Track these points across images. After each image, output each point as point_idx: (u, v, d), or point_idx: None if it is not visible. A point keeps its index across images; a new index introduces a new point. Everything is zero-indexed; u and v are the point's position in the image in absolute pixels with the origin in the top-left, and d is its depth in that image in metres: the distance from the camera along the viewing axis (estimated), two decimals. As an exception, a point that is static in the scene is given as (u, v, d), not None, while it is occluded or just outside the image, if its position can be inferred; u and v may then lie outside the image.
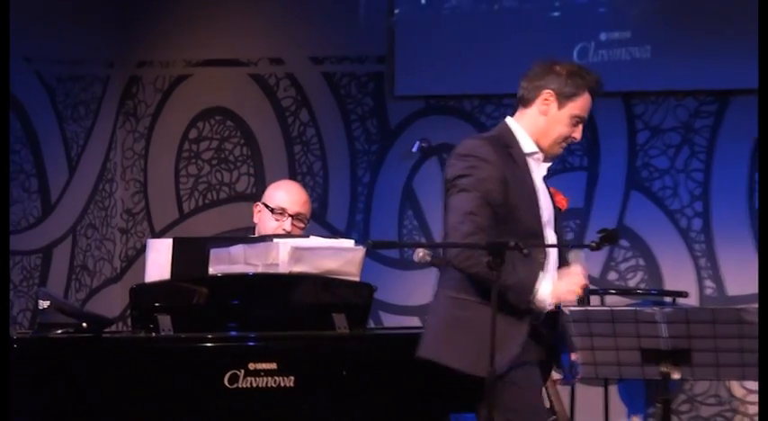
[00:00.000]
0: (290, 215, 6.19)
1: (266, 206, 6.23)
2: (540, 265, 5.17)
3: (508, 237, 5.00)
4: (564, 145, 5.32)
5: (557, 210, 5.37)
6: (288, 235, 6.14)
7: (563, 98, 5.23)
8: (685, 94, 6.55)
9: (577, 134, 5.26)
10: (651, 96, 6.90)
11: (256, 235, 6.28)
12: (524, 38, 7.03)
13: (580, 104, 5.26)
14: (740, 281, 6.71)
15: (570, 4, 7.05)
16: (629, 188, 6.85)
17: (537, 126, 5.25)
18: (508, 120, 5.31)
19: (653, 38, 6.85)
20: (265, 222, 6.25)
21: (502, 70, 7.08)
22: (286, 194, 6.27)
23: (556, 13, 7.06)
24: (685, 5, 6.86)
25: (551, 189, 5.36)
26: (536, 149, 5.28)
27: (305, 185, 7.47)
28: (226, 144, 7.78)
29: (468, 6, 7.16)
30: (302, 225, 6.23)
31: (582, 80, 5.24)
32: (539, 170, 5.28)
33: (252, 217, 6.25)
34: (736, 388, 6.71)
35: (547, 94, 5.21)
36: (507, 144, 5.18)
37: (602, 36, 6.97)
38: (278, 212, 6.19)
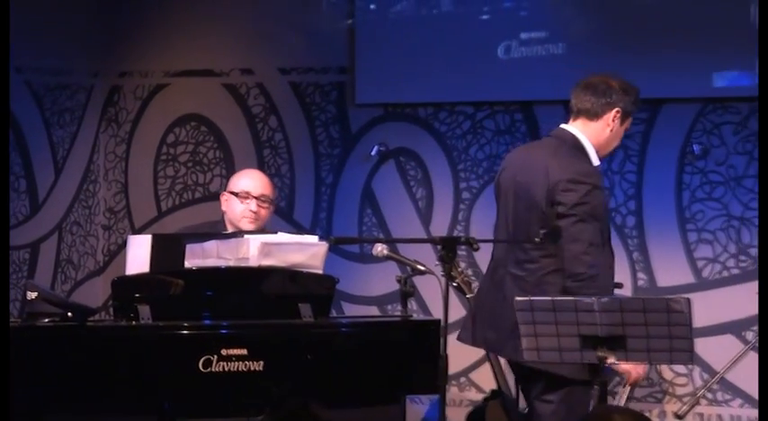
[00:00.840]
0: (254, 197, 6.21)
1: (232, 193, 6.25)
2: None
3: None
4: (615, 143, 5.74)
5: None
6: (262, 231, 6.17)
7: (625, 115, 5.64)
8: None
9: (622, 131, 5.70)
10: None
11: (226, 222, 6.31)
12: (470, 46, 7.04)
13: (630, 120, 5.69)
14: (669, 273, 6.75)
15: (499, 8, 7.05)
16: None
17: (601, 139, 5.63)
18: (576, 132, 5.59)
19: (591, 54, 6.86)
20: (233, 207, 6.27)
21: (452, 79, 7.11)
22: (249, 179, 6.31)
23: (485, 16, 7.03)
24: (621, 18, 6.86)
25: None
26: (599, 163, 5.55)
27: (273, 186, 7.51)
28: (200, 148, 7.79)
29: (415, 19, 7.15)
30: (267, 205, 6.26)
31: (637, 100, 5.68)
32: None
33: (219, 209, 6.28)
34: (666, 371, 6.74)
35: (616, 112, 5.59)
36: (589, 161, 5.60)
37: (524, 36, 6.97)
38: (243, 196, 6.21)
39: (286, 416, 3.08)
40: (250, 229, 6.16)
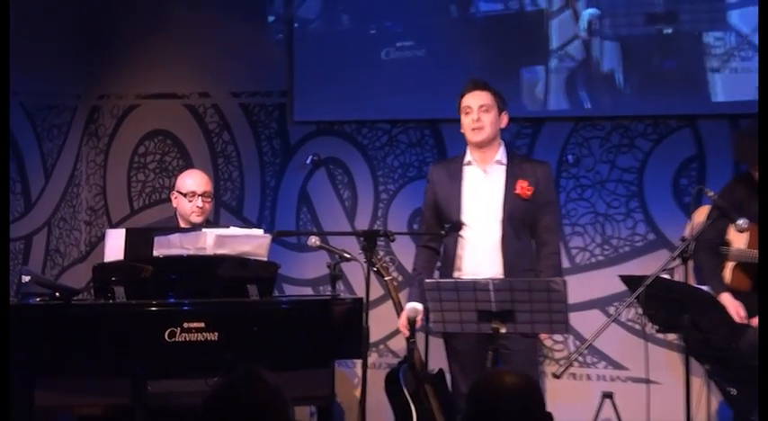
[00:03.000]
0: (199, 195, 6.20)
1: (180, 193, 6.23)
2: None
3: None
4: (470, 132, 5.65)
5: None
6: (207, 224, 6.16)
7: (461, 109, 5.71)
8: (509, 120, 6.62)
9: (468, 120, 5.63)
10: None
11: (178, 217, 6.29)
12: (387, 75, 7.02)
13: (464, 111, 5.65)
14: (550, 260, 6.77)
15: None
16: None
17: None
18: None
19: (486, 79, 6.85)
20: (183, 206, 6.25)
21: (373, 101, 7.12)
22: (193, 180, 6.29)
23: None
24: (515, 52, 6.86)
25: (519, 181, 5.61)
26: (470, 155, 5.69)
27: (226, 189, 7.51)
28: (166, 157, 7.75)
29: (344, 52, 7.13)
30: (209, 200, 6.28)
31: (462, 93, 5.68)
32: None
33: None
34: (547, 339, 6.75)
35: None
36: None
37: (434, 66, 6.94)
38: (190, 195, 6.19)
39: (237, 378, 3.07)
40: (199, 222, 6.17)
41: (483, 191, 5.63)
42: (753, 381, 5.28)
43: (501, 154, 5.68)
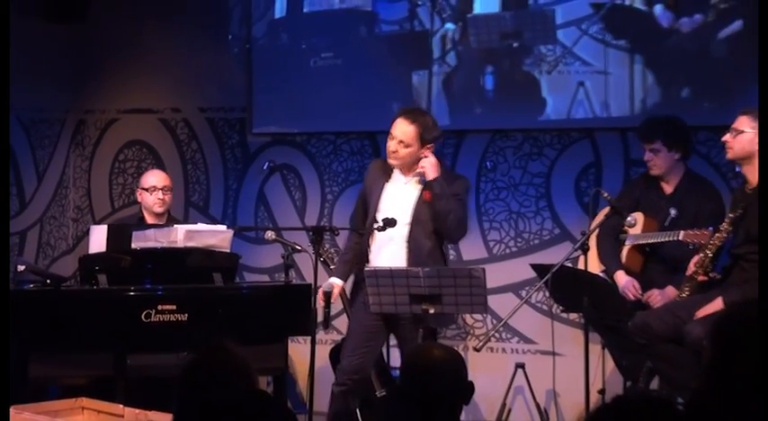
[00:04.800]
0: (159, 188, 6.19)
1: (143, 189, 6.22)
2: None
3: None
4: (389, 154, 5.48)
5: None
6: (168, 213, 6.15)
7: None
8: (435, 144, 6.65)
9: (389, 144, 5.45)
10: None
11: (143, 210, 6.28)
12: (332, 92, 6.99)
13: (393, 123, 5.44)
14: (471, 250, 6.76)
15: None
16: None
17: None
18: None
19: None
20: (146, 199, 6.25)
21: (320, 116, 7.11)
22: (154, 176, 6.31)
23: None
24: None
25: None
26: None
27: (194, 191, 7.47)
28: (142, 163, 7.70)
29: (296, 73, 7.10)
30: (169, 193, 6.27)
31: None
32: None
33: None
34: (468, 318, 6.80)
35: None
36: None
37: (371, 84, 6.95)
38: (152, 189, 6.18)
39: (208, 350, 3.06)
40: (160, 212, 6.18)
41: (401, 195, 5.52)
42: (639, 352, 5.37)
43: None
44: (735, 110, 5.27)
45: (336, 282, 5.60)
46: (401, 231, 5.41)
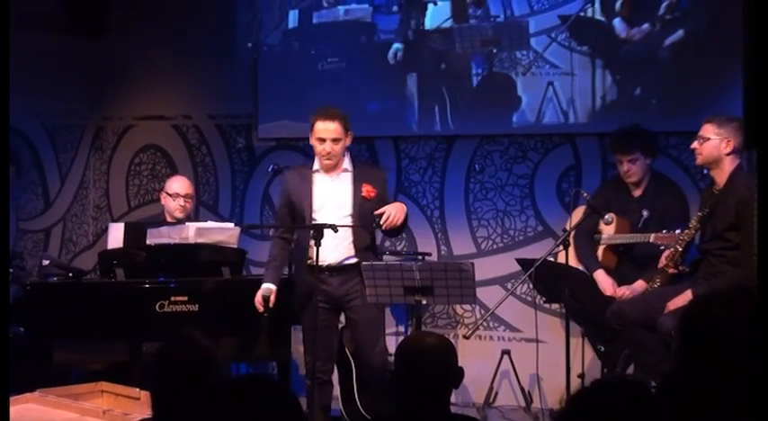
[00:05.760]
0: (182, 196, 6.17)
1: (167, 193, 6.20)
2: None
3: None
4: (323, 158, 5.38)
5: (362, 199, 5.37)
6: (188, 219, 6.12)
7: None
8: (430, 138, 6.63)
9: (320, 149, 5.36)
10: (411, 139, 6.94)
11: (165, 213, 6.26)
12: (332, 100, 6.99)
13: (314, 130, 5.39)
14: (461, 246, 6.79)
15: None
16: (398, 192, 6.89)
17: None
18: None
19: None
20: (169, 204, 6.23)
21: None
22: (178, 183, 6.28)
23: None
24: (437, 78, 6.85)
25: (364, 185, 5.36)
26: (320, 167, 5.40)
27: (204, 191, 7.46)
28: (157, 166, 7.69)
29: (299, 83, 7.10)
30: (190, 200, 6.25)
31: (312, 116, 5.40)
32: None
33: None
34: (459, 309, 6.81)
35: None
36: None
37: (372, 93, 6.96)
38: (175, 196, 6.17)
39: (175, 342, 3.07)
40: (181, 218, 6.13)
41: (332, 193, 5.41)
42: (616, 340, 5.37)
43: (347, 163, 5.46)
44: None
45: (272, 287, 5.45)
46: (343, 224, 5.33)
